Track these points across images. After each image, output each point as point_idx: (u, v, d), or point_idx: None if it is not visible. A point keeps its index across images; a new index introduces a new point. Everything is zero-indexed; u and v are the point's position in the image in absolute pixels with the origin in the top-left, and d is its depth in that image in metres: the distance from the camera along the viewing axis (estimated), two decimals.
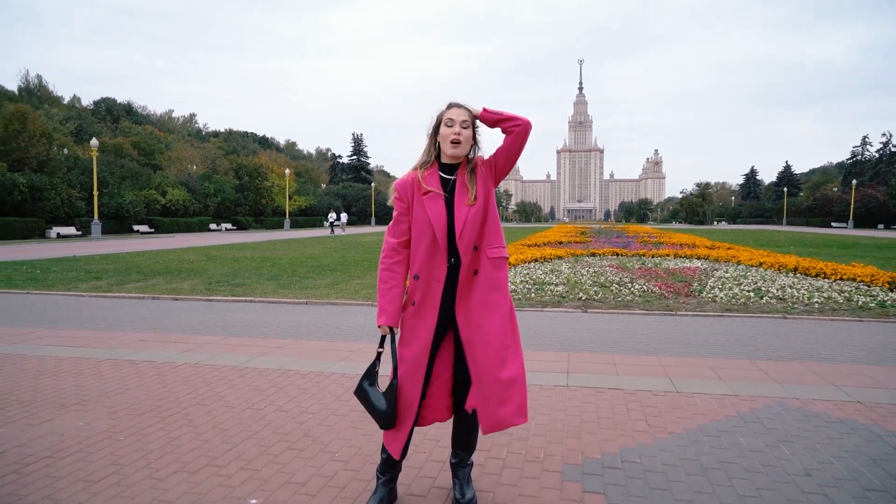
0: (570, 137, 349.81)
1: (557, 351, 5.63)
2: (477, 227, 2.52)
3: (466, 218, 2.50)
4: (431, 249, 2.52)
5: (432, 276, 2.54)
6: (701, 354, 5.50)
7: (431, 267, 2.53)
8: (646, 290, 9.43)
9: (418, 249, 2.54)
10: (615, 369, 4.96)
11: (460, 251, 2.51)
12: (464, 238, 2.50)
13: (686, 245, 20.34)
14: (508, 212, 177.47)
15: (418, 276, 2.54)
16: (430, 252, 2.53)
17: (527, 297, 8.88)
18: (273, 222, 60.41)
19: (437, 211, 2.52)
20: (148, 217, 45.61)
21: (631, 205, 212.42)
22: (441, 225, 2.50)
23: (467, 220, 2.50)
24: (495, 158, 2.58)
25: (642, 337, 6.29)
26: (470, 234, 2.51)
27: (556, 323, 7.10)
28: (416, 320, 2.54)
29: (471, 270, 2.54)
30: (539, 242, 21.71)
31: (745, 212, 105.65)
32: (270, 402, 4.06)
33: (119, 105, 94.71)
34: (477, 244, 2.55)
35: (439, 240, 2.50)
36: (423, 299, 2.54)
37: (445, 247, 2.51)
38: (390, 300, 2.55)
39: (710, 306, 8.15)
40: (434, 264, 2.53)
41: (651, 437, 3.46)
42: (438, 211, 2.52)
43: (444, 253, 2.52)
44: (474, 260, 2.54)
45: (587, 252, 16.90)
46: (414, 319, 2.55)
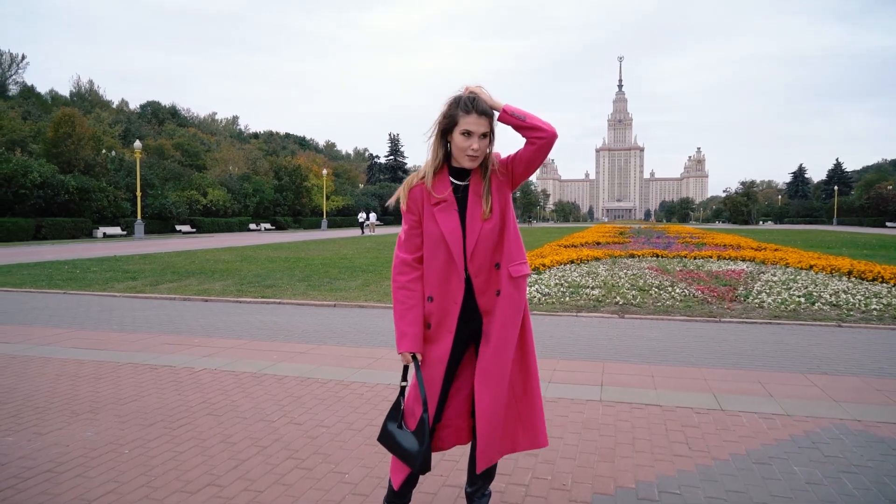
0: (610, 136, 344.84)
1: (591, 360, 5.30)
2: (492, 243, 2.25)
3: (480, 234, 2.23)
4: (447, 268, 2.25)
5: (448, 298, 2.26)
6: (747, 366, 5.10)
7: (447, 287, 2.27)
8: (687, 294, 8.97)
9: (432, 268, 2.27)
10: (653, 382, 4.61)
11: (471, 271, 2.24)
12: (476, 257, 2.24)
13: (730, 246, 19.58)
14: (546, 211, 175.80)
15: (432, 297, 2.27)
16: (446, 271, 2.26)
17: (561, 300, 8.55)
18: (311, 222, 61.07)
19: (451, 225, 2.24)
20: (190, 217, 46.63)
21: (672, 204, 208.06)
22: (456, 241, 2.23)
23: (481, 236, 2.23)
24: (513, 166, 2.27)
25: (683, 346, 5.90)
26: (483, 252, 2.24)
27: (590, 329, 6.76)
28: (430, 345, 2.28)
29: (490, 291, 2.27)
30: (576, 243, 21.24)
31: (793, 211, 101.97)
32: (284, 414, 3.87)
33: (164, 108, 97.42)
34: (498, 261, 2.28)
35: (455, 257, 2.23)
36: (439, 323, 2.27)
37: (463, 265, 2.24)
38: (410, 322, 2.26)
39: (757, 313, 7.67)
40: (450, 284, 2.26)
41: (693, 463, 3.13)
42: (452, 225, 2.24)
43: (462, 271, 2.25)
44: (493, 279, 2.27)
45: (625, 253, 16.38)
46: (428, 344, 2.29)
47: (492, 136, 2.23)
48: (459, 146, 2.19)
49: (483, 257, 2.25)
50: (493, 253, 2.27)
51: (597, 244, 21.83)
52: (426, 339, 2.28)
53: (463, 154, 2.20)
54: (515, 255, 2.29)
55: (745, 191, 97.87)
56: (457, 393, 2.36)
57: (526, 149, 2.21)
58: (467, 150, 2.18)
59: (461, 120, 2.16)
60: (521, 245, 2.35)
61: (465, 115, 2.15)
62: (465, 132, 2.16)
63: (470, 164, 2.23)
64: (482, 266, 2.25)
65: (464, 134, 2.16)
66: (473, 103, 2.16)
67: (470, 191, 2.27)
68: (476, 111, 2.15)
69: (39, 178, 33.33)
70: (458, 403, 2.35)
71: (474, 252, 2.23)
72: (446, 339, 2.26)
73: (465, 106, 2.16)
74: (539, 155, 2.20)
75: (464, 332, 2.31)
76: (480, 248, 2.24)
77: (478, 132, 2.16)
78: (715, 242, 21.75)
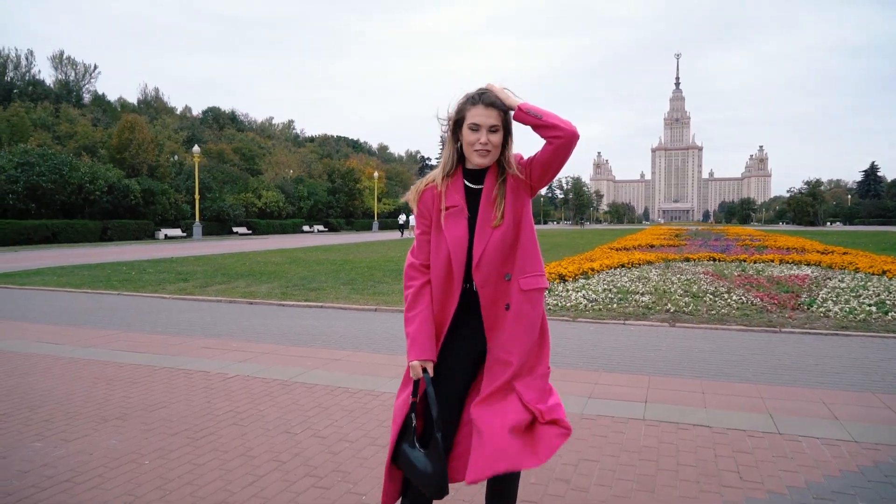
0: (666, 135, 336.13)
1: (636, 373, 4.99)
2: (501, 253, 2.07)
3: (488, 243, 2.05)
4: (446, 280, 2.09)
5: (444, 309, 2.11)
6: (810, 383, 4.68)
7: (445, 297, 2.11)
8: (745, 301, 8.46)
9: (434, 277, 2.12)
10: (703, 399, 4.28)
11: (476, 282, 2.06)
12: (482, 266, 2.05)
13: (794, 249, 18.59)
14: (599, 213, 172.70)
15: (434, 302, 2.12)
16: (445, 279, 2.10)
17: (608, 307, 8.19)
18: (363, 224, 61.89)
19: (457, 233, 2.08)
20: (246, 219, 47.95)
21: (732, 205, 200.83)
22: (458, 248, 2.07)
23: (489, 245, 2.05)
24: (531, 168, 2.08)
25: (738, 359, 5.50)
26: (491, 261, 2.06)
27: (638, 339, 6.42)
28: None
29: (499, 304, 2.07)
30: (628, 246, 20.61)
31: (864, 211, 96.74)
32: (309, 426, 3.75)
33: (224, 113, 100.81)
34: (509, 272, 2.08)
35: (454, 269, 2.07)
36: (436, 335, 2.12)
37: (461, 275, 2.07)
38: (419, 327, 2.10)
39: (822, 322, 7.12)
40: (447, 294, 2.10)
41: (743, 495, 2.82)
42: (458, 232, 2.08)
43: (459, 282, 2.08)
44: (501, 291, 2.08)
45: (680, 257, 15.74)
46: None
47: (507, 133, 2.07)
48: (468, 141, 2.06)
49: (491, 267, 2.06)
50: (504, 263, 2.08)
51: (650, 247, 21.14)
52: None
53: (471, 149, 2.06)
54: (529, 267, 2.10)
55: (810, 190, 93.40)
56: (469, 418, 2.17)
57: (544, 150, 2.03)
58: (475, 145, 2.04)
59: (468, 113, 2.05)
60: (538, 255, 2.15)
61: (472, 108, 2.04)
62: (473, 125, 2.03)
63: (480, 160, 2.06)
64: (489, 277, 2.06)
65: (472, 128, 2.03)
66: (481, 96, 2.04)
67: (482, 195, 2.11)
68: (483, 103, 2.02)
69: (105, 184, 34.94)
70: (471, 429, 2.16)
71: (481, 261, 2.05)
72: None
73: (472, 99, 2.05)
74: (557, 156, 2.01)
75: (471, 352, 2.12)
76: (489, 257, 2.05)
77: (486, 124, 2.02)
78: (777, 245, 20.71)
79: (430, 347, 2.10)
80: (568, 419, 2.14)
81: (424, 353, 2.08)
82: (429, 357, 2.09)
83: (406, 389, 2.17)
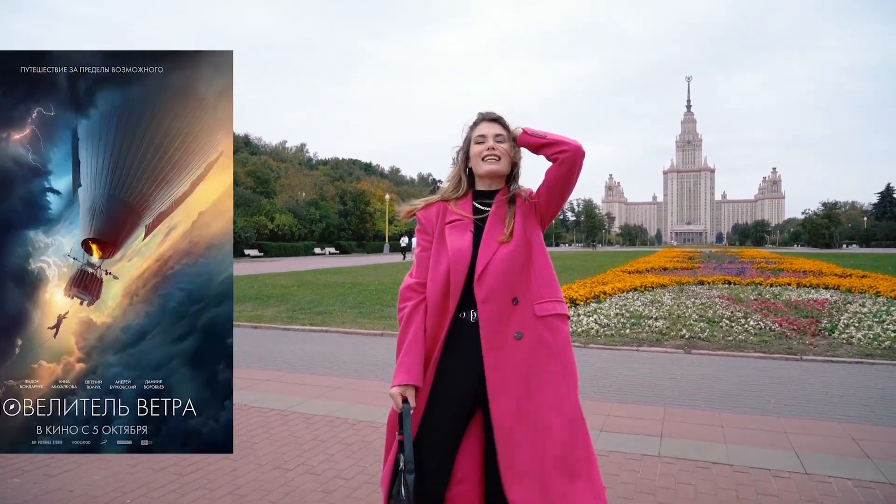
0: (678, 157, 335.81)
1: (651, 404, 4.75)
2: (507, 271, 1.89)
3: (494, 256, 1.89)
4: (442, 294, 1.92)
5: (437, 332, 1.93)
6: (836, 416, 4.41)
7: (439, 319, 1.93)
8: (762, 326, 8.17)
9: (430, 292, 1.95)
10: (723, 434, 4.03)
11: (477, 299, 1.88)
12: (484, 281, 1.87)
13: (811, 272, 18.20)
14: (611, 235, 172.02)
15: (426, 328, 1.94)
16: (441, 297, 1.92)
17: (620, 332, 7.95)
18: (374, 246, 61.99)
19: (460, 244, 1.92)
20: (258, 242, 48.15)
21: (746, 227, 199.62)
22: (459, 262, 1.89)
23: (494, 259, 1.88)
24: (538, 196, 1.98)
25: (758, 388, 5.24)
26: (495, 277, 1.88)
27: (652, 366, 6.17)
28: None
29: (504, 332, 1.88)
30: (641, 269, 20.31)
31: (881, 234, 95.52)
32: (303, 462, 3.55)
33: (238, 137, 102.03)
34: (516, 295, 1.90)
35: (452, 285, 1.89)
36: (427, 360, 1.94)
37: (458, 293, 1.90)
38: (406, 349, 1.92)
39: (845, 350, 6.83)
40: (441, 316, 1.93)
41: None
42: (461, 244, 1.92)
43: (455, 300, 1.90)
44: (507, 315, 1.89)
45: (694, 280, 15.45)
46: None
47: (514, 149, 2.00)
48: (475, 153, 1.99)
49: (494, 284, 1.88)
50: (511, 284, 1.89)
51: (663, 270, 20.84)
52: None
53: (479, 160, 1.97)
54: (545, 291, 1.92)
55: (826, 212, 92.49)
56: (464, 453, 1.96)
57: (550, 169, 1.92)
58: (482, 153, 1.96)
59: (473, 133, 2.01)
60: (555, 281, 1.97)
61: (474, 127, 2.02)
62: (479, 137, 1.98)
63: (489, 167, 1.96)
64: (492, 294, 1.88)
65: (478, 141, 1.99)
66: (483, 115, 2.02)
67: (491, 212, 1.98)
68: (486, 119, 2.01)
69: None
70: (465, 465, 1.95)
71: (485, 273, 1.88)
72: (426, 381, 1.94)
73: (473, 120, 2.05)
74: (564, 173, 1.90)
75: (464, 383, 1.92)
76: (493, 272, 1.88)
77: (491, 133, 1.97)
78: (794, 268, 20.33)
79: (415, 371, 1.90)
80: None
81: (408, 377, 1.89)
82: (411, 381, 1.89)
83: (395, 423, 1.98)
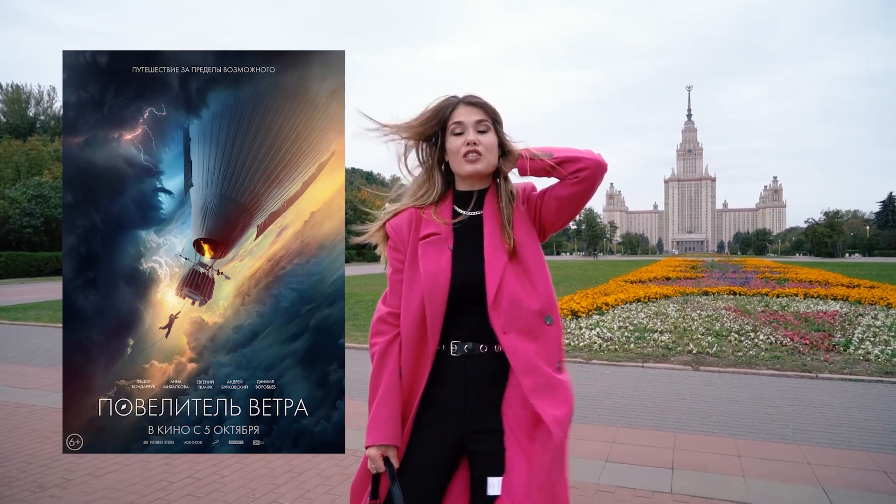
0: (679, 166, 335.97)
1: (659, 429, 4.39)
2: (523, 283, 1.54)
3: (504, 271, 1.53)
4: (418, 329, 1.56)
5: (414, 377, 1.58)
6: (861, 444, 4.05)
7: (416, 360, 1.58)
8: (773, 341, 7.81)
9: (404, 326, 1.58)
10: (740, 465, 3.66)
11: (497, 328, 1.51)
12: (501, 301, 1.51)
13: (817, 282, 17.86)
14: (613, 244, 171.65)
15: (401, 372, 1.59)
16: (417, 333, 1.56)
17: (624, 347, 7.59)
18: (373, 255, 61.57)
19: (434, 265, 1.56)
20: None
21: (747, 236, 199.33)
22: (435, 289, 1.53)
23: (506, 275, 1.53)
24: (542, 201, 1.61)
25: (773, 410, 4.87)
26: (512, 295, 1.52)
27: (658, 385, 5.80)
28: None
29: (545, 369, 1.51)
30: (643, 278, 19.96)
31: (883, 243, 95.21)
32: (275, 498, 3.20)
33: None
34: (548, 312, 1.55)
35: (428, 312, 1.53)
36: (405, 412, 1.59)
37: (437, 330, 1.54)
38: (381, 399, 1.58)
39: (863, 367, 6.46)
40: (418, 356, 1.58)
41: None
42: (435, 265, 1.56)
43: (435, 337, 1.54)
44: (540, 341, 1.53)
45: (699, 290, 15.09)
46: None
47: (500, 141, 1.61)
48: (453, 149, 1.60)
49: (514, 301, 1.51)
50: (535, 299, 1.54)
51: (666, 279, 20.49)
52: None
53: (458, 157, 1.59)
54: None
55: (828, 221, 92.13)
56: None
57: (565, 186, 1.55)
58: (461, 149, 1.57)
59: (449, 121, 1.60)
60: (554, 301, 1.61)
61: (452, 111, 1.61)
62: (456, 126, 1.59)
63: (470, 168, 1.58)
64: (515, 319, 1.51)
65: (454, 131, 1.59)
66: (462, 97, 1.63)
67: (485, 215, 1.60)
68: (463, 102, 1.61)
69: None
70: None
71: (500, 294, 1.51)
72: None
73: (452, 99, 1.64)
74: (582, 191, 1.55)
75: (443, 438, 1.58)
76: (510, 287, 1.52)
77: (470, 121, 1.58)
78: (799, 278, 19.97)
79: (393, 428, 1.56)
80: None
81: (386, 436, 1.55)
82: (391, 441, 1.55)
83: (363, 488, 1.63)
